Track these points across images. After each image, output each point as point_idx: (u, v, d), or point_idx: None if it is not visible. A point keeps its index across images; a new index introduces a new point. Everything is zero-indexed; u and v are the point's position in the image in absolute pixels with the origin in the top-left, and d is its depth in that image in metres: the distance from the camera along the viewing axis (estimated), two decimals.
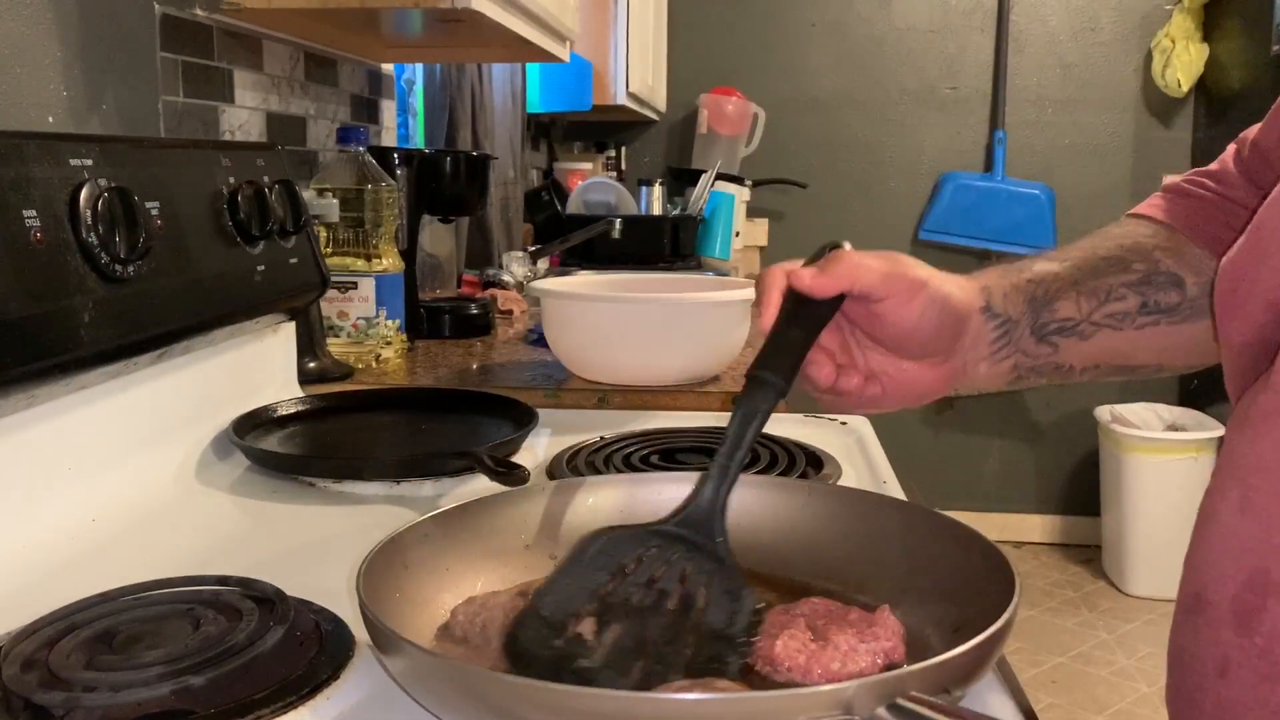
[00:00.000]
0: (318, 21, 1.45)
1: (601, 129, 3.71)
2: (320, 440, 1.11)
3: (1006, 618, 0.54)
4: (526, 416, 1.10)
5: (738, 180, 3.29)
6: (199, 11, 1.30)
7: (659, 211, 2.91)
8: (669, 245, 2.63)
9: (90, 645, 0.61)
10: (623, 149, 3.80)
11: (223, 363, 1.10)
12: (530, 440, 1.09)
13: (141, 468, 0.95)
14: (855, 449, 1.13)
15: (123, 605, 0.66)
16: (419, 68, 2.34)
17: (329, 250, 1.45)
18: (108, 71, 1.13)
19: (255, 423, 1.10)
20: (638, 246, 2.57)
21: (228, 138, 1.40)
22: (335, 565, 0.75)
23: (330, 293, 1.36)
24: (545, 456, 1.06)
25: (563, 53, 1.84)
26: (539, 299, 1.42)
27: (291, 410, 1.15)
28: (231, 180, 1.08)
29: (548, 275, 2.15)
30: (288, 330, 1.24)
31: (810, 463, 1.00)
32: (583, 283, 1.51)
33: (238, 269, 1.07)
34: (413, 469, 0.98)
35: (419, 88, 2.36)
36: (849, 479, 0.99)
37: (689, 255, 2.71)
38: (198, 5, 1.30)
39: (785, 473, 0.97)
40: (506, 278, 2.17)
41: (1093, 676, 2.92)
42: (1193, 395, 3.65)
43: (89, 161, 0.86)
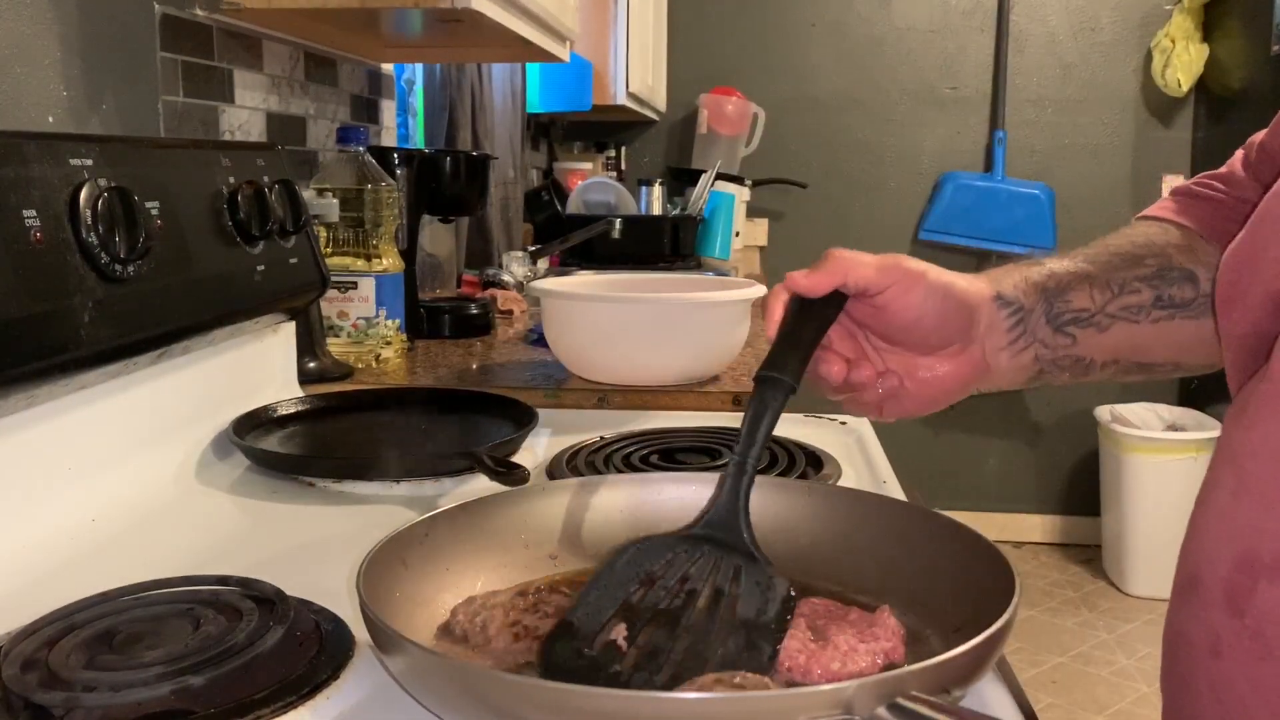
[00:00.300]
0: (318, 21, 1.45)
1: (601, 129, 3.71)
2: (320, 440, 1.11)
3: (1006, 618, 0.54)
4: (526, 416, 1.10)
5: (738, 180, 3.29)
6: (199, 11, 1.30)
7: (659, 211, 2.91)
8: (669, 245, 2.63)
9: (90, 645, 0.61)
10: (623, 149, 3.80)
11: (223, 363, 1.10)
12: (530, 440, 1.09)
13: (141, 468, 0.95)
14: (855, 449, 1.13)
15: (123, 605, 0.66)
16: (419, 68, 2.34)
17: (329, 250, 1.45)
18: (108, 71, 1.13)
19: (255, 423, 1.10)
20: (638, 246, 2.57)
21: (228, 138, 1.40)
22: (335, 565, 0.75)
23: (330, 293, 1.36)
24: (545, 456, 1.06)
25: (563, 53, 1.84)
26: (539, 299, 1.42)
27: (291, 410, 1.15)
28: (231, 180, 1.08)
29: (548, 275, 2.15)
30: (288, 330, 1.24)
31: (810, 463, 1.00)
32: (583, 283, 1.51)
33: (238, 269, 1.07)
34: (413, 469, 0.99)
35: (419, 88, 2.36)
36: (849, 479, 0.99)
37: (689, 255, 2.71)
38: (198, 5, 1.30)
39: (785, 473, 0.97)
40: (506, 278, 2.17)
41: (1093, 676, 2.92)
42: (1193, 395, 3.65)
43: (89, 161, 0.86)
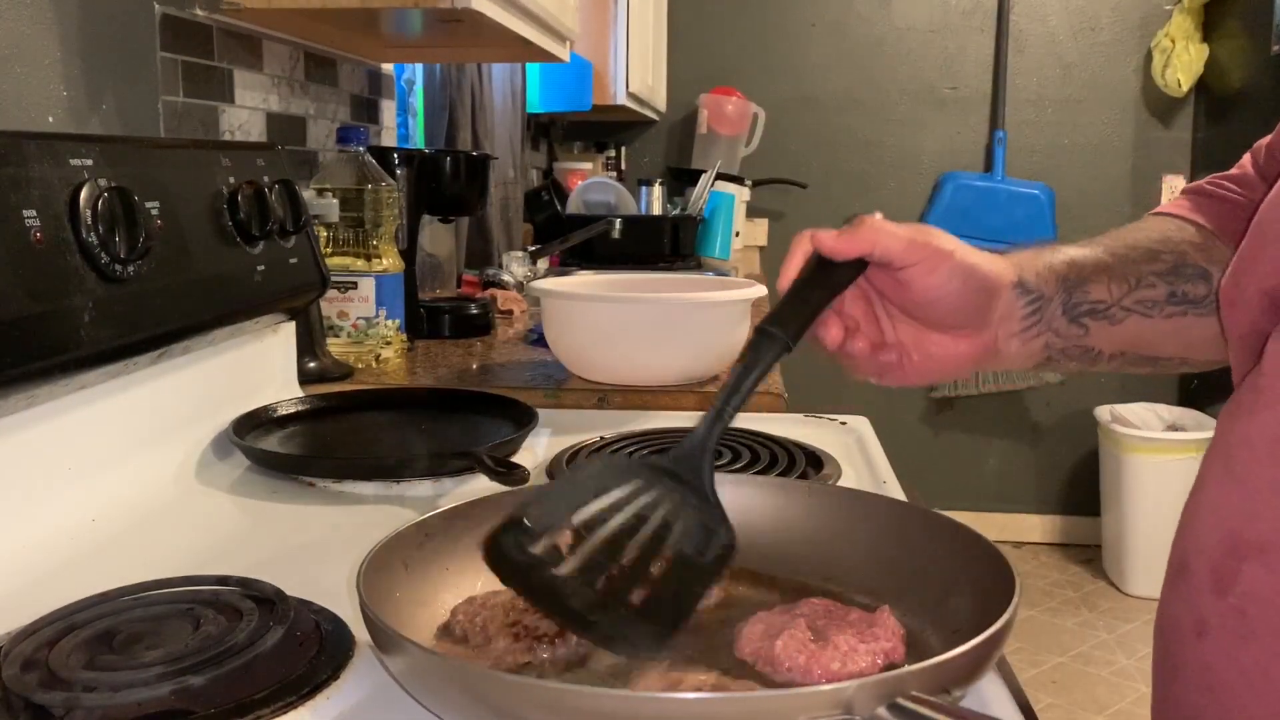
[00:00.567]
0: (318, 21, 1.45)
1: (601, 129, 3.71)
2: (320, 440, 1.11)
3: (1006, 618, 0.54)
4: (526, 416, 1.10)
5: (738, 180, 3.29)
6: (199, 11, 1.30)
7: (659, 211, 2.91)
8: (669, 245, 2.63)
9: (90, 645, 0.61)
10: (623, 149, 3.80)
11: (223, 363, 1.10)
12: (530, 440, 1.09)
13: (141, 468, 0.95)
14: (855, 449, 1.13)
15: (123, 605, 0.66)
16: (419, 68, 2.34)
17: (329, 250, 1.45)
18: (108, 71, 1.13)
19: (255, 423, 1.10)
20: (638, 246, 2.57)
21: (228, 138, 1.40)
22: (335, 565, 0.75)
23: (330, 293, 1.36)
24: (545, 456, 1.06)
25: (563, 53, 1.84)
26: (539, 299, 1.42)
27: (291, 410, 1.15)
28: (231, 180, 1.08)
29: (548, 275, 2.15)
30: (288, 330, 1.24)
31: (810, 463, 1.00)
32: (583, 283, 1.51)
33: (238, 269, 1.07)
34: (413, 469, 0.98)
35: (419, 88, 2.36)
36: (849, 479, 0.99)
37: (689, 255, 2.71)
38: (198, 5, 1.30)
39: (785, 473, 0.97)
40: (506, 278, 2.17)
41: (1093, 676, 2.92)
42: (1193, 395, 3.65)
43: (89, 161, 0.86)
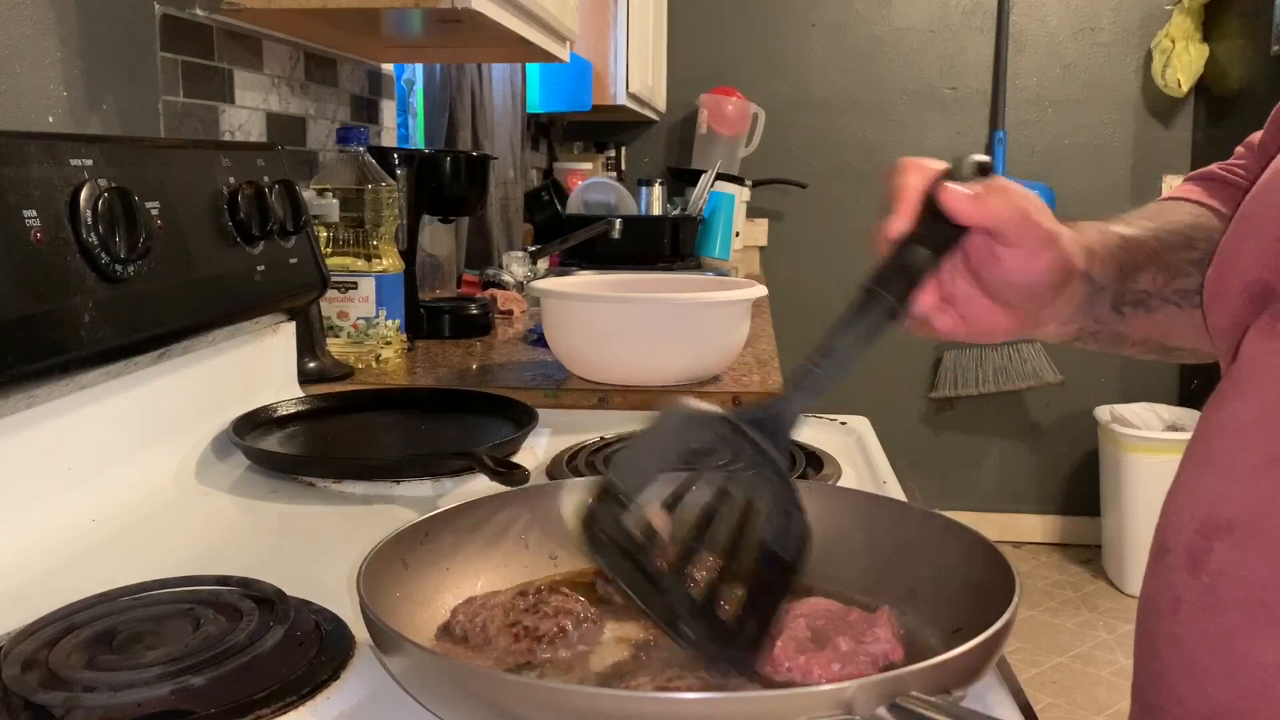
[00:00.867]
0: (318, 21, 1.45)
1: (601, 129, 3.71)
2: (320, 440, 1.11)
3: (1006, 618, 0.54)
4: (526, 416, 1.10)
5: (738, 180, 3.29)
6: (199, 11, 1.30)
7: (659, 211, 2.91)
8: (669, 245, 2.63)
9: (90, 645, 0.61)
10: (623, 149, 3.80)
11: (223, 363, 1.10)
12: (530, 440, 1.09)
13: (141, 468, 0.95)
14: (855, 449, 1.13)
15: (123, 605, 0.66)
16: (419, 68, 2.34)
17: (329, 250, 1.45)
18: (108, 71, 1.13)
19: (255, 423, 1.10)
20: (638, 246, 2.57)
21: (228, 138, 1.40)
22: (335, 565, 0.75)
23: (330, 293, 1.36)
24: (545, 456, 1.06)
25: (563, 53, 1.84)
26: (539, 299, 1.42)
27: (291, 410, 1.15)
28: (231, 180, 1.08)
29: (548, 275, 2.15)
30: (288, 330, 1.24)
31: (810, 463, 1.00)
32: (583, 283, 1.51)
33: (238, 269, 1.07)
34: (413, 469, 0.99)
35: (419, 88, 2.36)
36: (849, 479, 0.99)
37: (689, 255, 2.71)
38: (198, 5, 1.30)
39: None
40: (506, 278, 2.17)
41: (1093, 676, 2.92)
42: (1193, 395, 3.65)
43: (89, 161, 0.86)
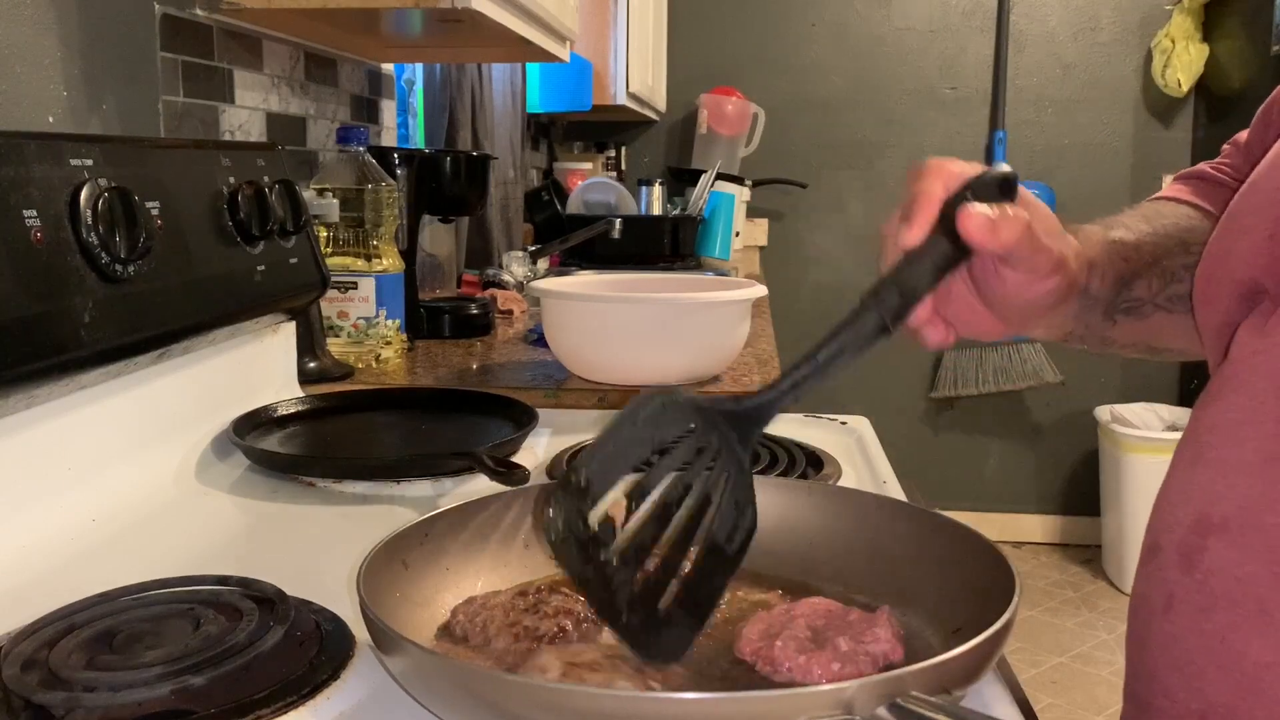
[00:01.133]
0: (318, 21, 1.45)
1: (601, 129, 3.71)
2: (320, 440, 1.11)
3: (1006, 618, 0.54)
4: (526, 416, 1.10)
5: (738, 180, 3.29)
6: (199, 11, 1.30)
7: (659, 211, 2.91)
8: (669, 245, 2.63)
9: (90, 645, 0.61)
10: (623, 149, 3.80)
11: (223, 363, 1.10)
12: (530, 440, 1.09)
13: (141, 468, 0.95)
14: (855, 449, 1.13)
15: (123, 605, 0.66)
16: (419, 68, 2.34)
17: (329, 250, 1.45)
18: (108, 71, 1.13)
19: (255, 423, 1.10)
20: (638, 246, 2.57)
21: (228, 138, 1.40)
22: (335, 565, 0.75)
23: (330, 293, 1.36)
24: (545, 456, 1.06)
25: (563, 53, 1.84)
26: (539, 299, 1.42)
27: (291, 410, 1.15)
28: (231, 180, 1.08)
29: (548, 275, 2.15)
30: (288, 330, 1.24)
31: (810, 463, 1.00)
32: (583, 283, 1.51)
33: (238, 269, 1.07)
34: (413, 469, 0.99)
35: (419, 88, 2.36)
36: (849, 479, 0.99)
37: (689, 255, 2.71)
38: (198, 5, 1.30)
39: (785, 473, 0.97)
40: (506, 278, 2.17)
41: (1093, 676, 2.92)
42: (1193, 395, 3.64)
43: (89, 161, 0.86)
